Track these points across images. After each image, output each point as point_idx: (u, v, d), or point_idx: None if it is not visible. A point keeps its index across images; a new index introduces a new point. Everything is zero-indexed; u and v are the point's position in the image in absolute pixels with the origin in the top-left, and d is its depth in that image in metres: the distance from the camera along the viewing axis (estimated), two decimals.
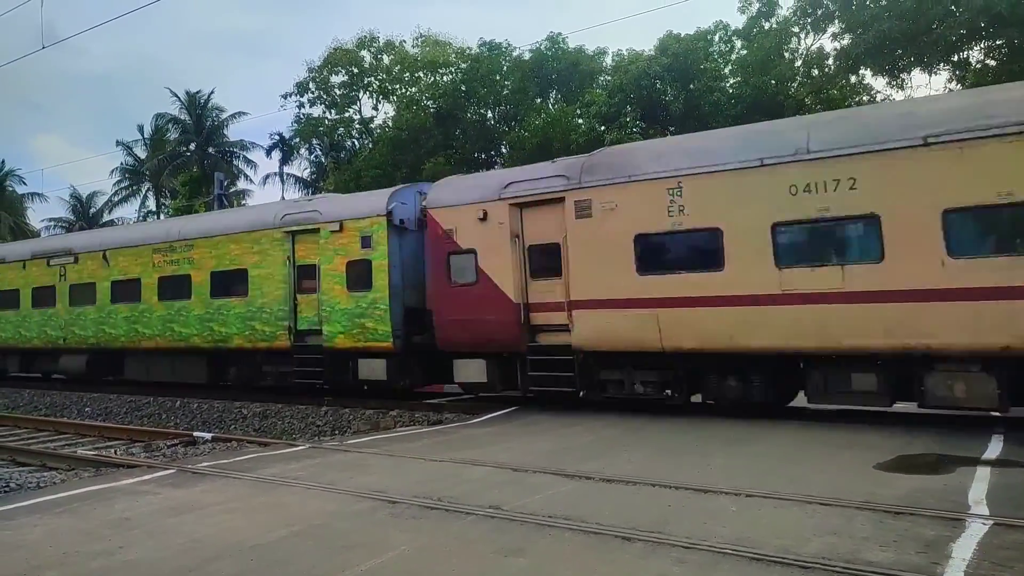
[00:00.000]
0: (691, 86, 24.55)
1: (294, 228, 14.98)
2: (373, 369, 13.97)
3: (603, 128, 24.63)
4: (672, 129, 25.90)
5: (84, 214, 51.47)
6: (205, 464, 8.34)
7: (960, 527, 5.01)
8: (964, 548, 4.58)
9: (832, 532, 4.96)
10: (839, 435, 8.79)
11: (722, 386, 10.46)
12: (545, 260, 11.79)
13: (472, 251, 12.32)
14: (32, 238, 40.25)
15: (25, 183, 55.16)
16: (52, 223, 52.12)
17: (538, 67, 28.79)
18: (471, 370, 12.69)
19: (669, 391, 10.97)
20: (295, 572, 4.58)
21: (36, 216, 56.16)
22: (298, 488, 6.92)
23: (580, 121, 25.69)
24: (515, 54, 29.58)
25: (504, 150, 30.31)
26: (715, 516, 5.45)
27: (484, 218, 12.16)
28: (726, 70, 26.80)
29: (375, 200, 14.42)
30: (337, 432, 12.68)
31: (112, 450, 11.69)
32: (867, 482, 6.40)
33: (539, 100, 29.52)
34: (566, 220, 11.33)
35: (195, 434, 12.19)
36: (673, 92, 24.19)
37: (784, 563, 4.36)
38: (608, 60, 29.61)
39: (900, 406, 11.15)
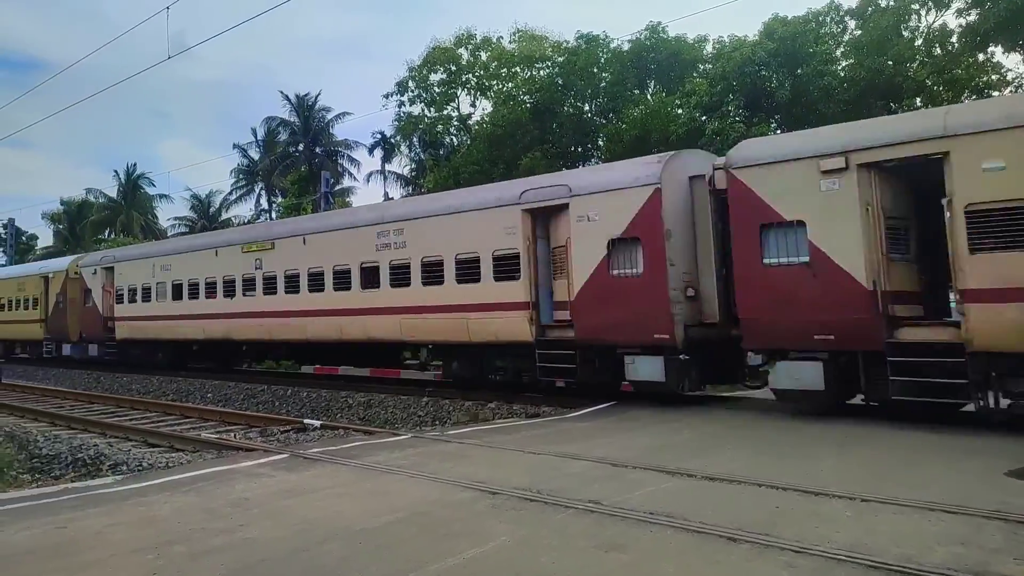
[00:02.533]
0: (799, 71, 23.42)
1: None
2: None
3: (704, 118, 23.91)
4: (777, 117, 24.83)
5: (205, 212, 55.00)
6: (315, 450, 8.74)
7: None
8: None
9: (959, 542, 4.62)
10: (962, 440, 8.19)
11: None
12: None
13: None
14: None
15: (155, 185, 59.75)
16: (177, 221, 56.05)
17: (637, 58, 28.26)
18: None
19: None
20: (401, 557, 4.72)
21: (163, 215, 60.61)
22: (402, 476, 7.12)
23: (680, 112, 25.04)
24: (612, 45, 29.20)
25: (601, 143, 29.99)
26: (828, 520, 5.20)
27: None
28: (838, 52, 25.40)
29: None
30: (437, 422, 12.98)
31: (232, 434, 12.44)
32: (997, 490, 5.93)
33: (637, 91, 29.00)
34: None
35: (305, 421, 12.79)
36: (779, 78, 23.14)
37: (906, 572, 4.11)
38: (709, 48, 28.70)
39: None
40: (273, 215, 47.08)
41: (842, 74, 24.22)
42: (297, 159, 46.62)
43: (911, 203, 10.01)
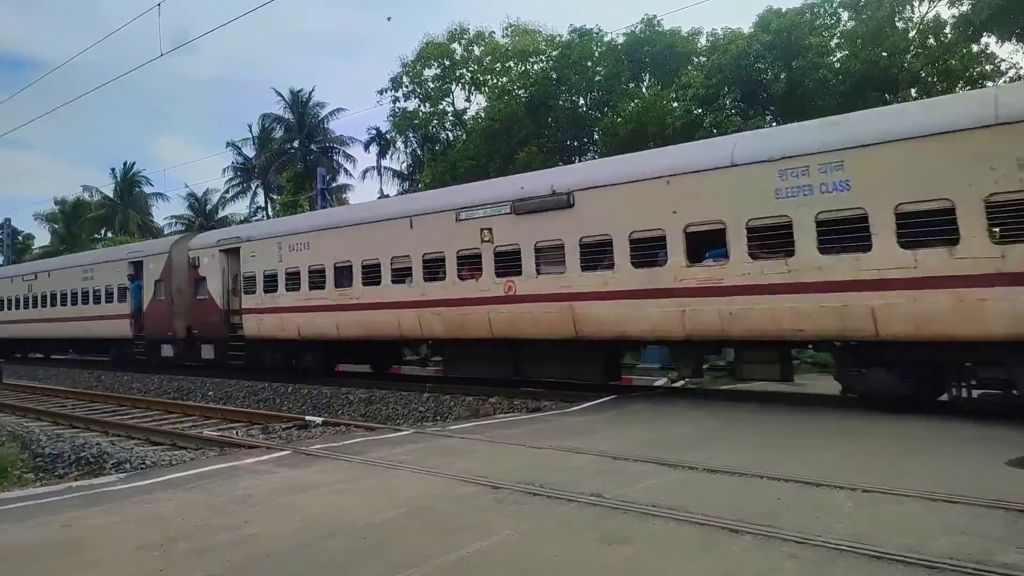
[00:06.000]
0: (794, 64, 23.40)
1: None
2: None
3: (700, 111, 23.91)
4: (773, 110, 24.85)
5: (202, 210, 54.86)
6: (317, 446, 8.76)
7: None
8: None
9: (960, 531, 4.66)
10: (964, 429, 8.24)
11: None
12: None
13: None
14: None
15: (152, 183, 59.60)
16: (173, 220, 55.88)
17: (632, 51, 28.23)
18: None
19: None
20: (405, 551, 4.74)
21: (159, 214, 60.41)
22: (404, 471, 7.15)
23: (675, 105, 25.03)
24: (606, 39, 29.16)
25: (596, 137, 29.99)
26: (829, 511, 5.23)
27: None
28: (833, 44, 25.39)
29: None
30: (439, 418, 13.03)
31: (234, 431, 12.46)
32: (999, 479, 5.97)
33: (632, 85, 28.96)
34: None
35: (307, 418, 12.82)
36: (774, 71, 23.12)
37: (907, 562, 4.14)
38: (703, 41, 28.66)
39: None
40: (270, 212, 47.00)
41: (837, 66, 24.21)
42: (293, 156, 46.47)
43: None
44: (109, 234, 55.07)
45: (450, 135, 35.68)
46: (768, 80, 23.42)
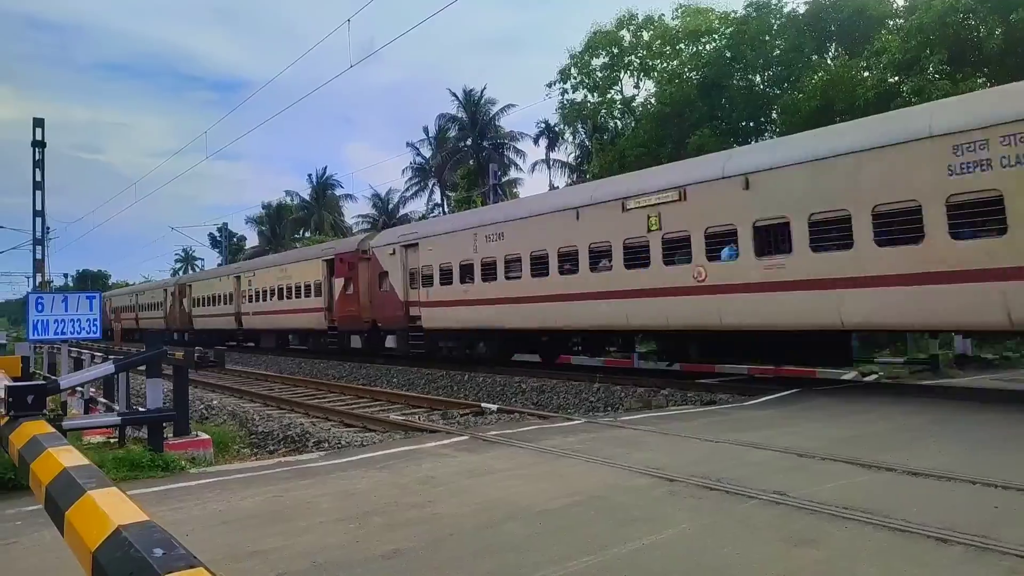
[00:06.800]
0: (1012, 17, 20.55)
1: None
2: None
3: (896, 79, 21.72)
4: (986, 71, 22.00)
5: (384, 209, 58.83)
6: (493, 433, 9.07)
7: None
8: None
9: None
10: None
11: None
12: None
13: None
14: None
15: (342, 186, 64.94)
16: (360, 219, 60.40)
17: (815, 21, 26.27)
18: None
19: None
20: (581, 538, 4.77)
21: (348, 213, 65.59)
22: (577, 460, 7.20)
23: (867, 74, 22.94)
24: (786, 10, 27.40)
25: (775, 116, 28.29)
26: None
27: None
28: None
29: None
30: (609, 408, 12.99)
31: (416, 416, 13.26)
32: None
33: (816, 57, 26.96)
34: None
35: (483, 405, 13.33)
36: (988, 27, 20.41)
37: None
38: (900, 0, 26.01)
39: None
40: (446, 209, 49.34)
41: None
42: (466, 154, 48.45)
43: None
44: (307, 234, 60.65)
45: (618, 123, 35.34)
46: (981, 37, 20.76)
